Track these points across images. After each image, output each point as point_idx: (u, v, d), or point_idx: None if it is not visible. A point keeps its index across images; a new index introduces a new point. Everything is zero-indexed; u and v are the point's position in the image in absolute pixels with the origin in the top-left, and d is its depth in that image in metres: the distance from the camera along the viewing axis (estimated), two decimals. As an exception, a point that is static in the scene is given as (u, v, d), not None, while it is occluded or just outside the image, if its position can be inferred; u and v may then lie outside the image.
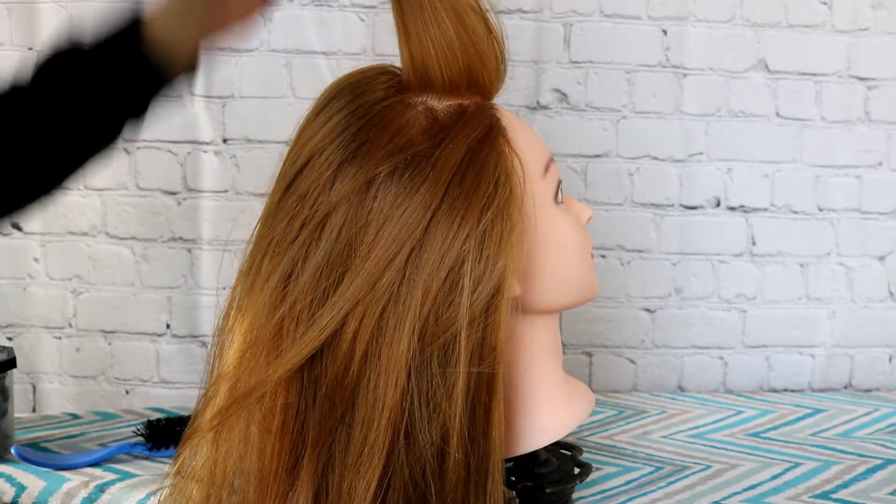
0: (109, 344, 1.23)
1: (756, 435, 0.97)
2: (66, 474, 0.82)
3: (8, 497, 0.79)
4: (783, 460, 0.89)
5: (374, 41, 1.19)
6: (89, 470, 0.83)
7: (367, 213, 0.53)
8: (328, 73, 1.18)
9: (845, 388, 1.27)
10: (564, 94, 1.21)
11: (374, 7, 1.18)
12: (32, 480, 0.81)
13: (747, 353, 1.26)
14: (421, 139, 0.55)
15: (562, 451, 0.79)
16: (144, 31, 0.55)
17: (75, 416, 1.01)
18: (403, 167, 0.54)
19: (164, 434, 0.87)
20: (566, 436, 0.67)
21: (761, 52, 1.21)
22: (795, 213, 1.24)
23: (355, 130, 0.56)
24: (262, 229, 0.58)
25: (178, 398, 1.22)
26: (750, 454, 0.90)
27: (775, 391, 1.26)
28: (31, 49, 1.18)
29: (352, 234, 0.53)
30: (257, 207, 0.59)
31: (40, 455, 0.86)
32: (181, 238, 1.21)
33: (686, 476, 0.84)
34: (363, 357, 0.53)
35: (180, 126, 1.19)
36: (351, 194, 0.53)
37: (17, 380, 1.14)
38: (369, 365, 0.53)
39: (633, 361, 1.26)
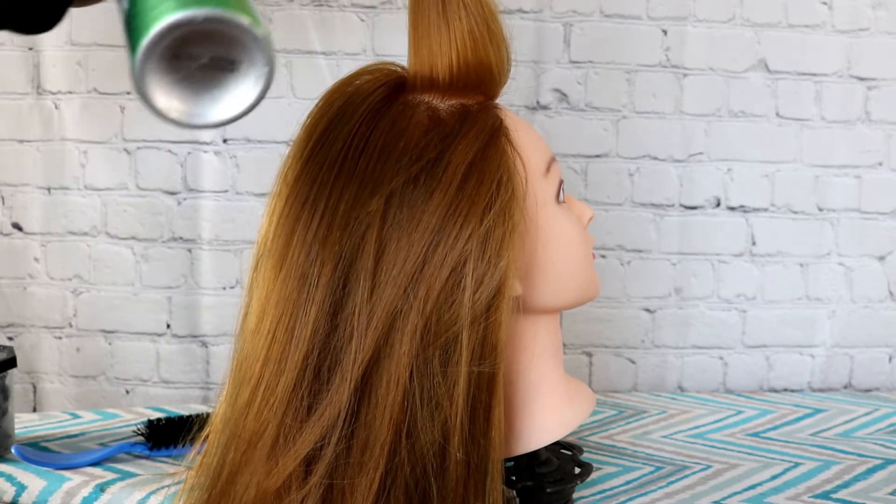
0: (109, 344, 1.23)
1: (756, 435, 0.97)
2: (66, 474, 0.82)
3: (8, 496, 0.79)
4: (783, 460, 0.89)
5: (374, 41, 1.19)
6: (89, 469, 0.83)
7: (388, 227, 0.54)
8: (328, 73, 1.18)
9: (845, 388, 1.27)
10: (564, 94, 1.21)
11: (374, 7, 1.18)
12: (33, 480, 0.81)
13: (747, 353, 1.26)
14: (430, 144, 0.55)
15: (562, 450, 0.79)
16: None
17: (75, 416, 1.01)
18: (417, 175, 0.54)
19: (164, 434, 0.87)
20: (567, 435, 0.67)
21: (761, 52, 1.21)
22: (795, 213, 1.24)
23: (363, 145, 0.56)
24: (280, 237, 0.57)
25: (178, 398, 1.22)
26: (750, 454, 0.90)
27: (775, 391, 1.26)
28: (31, 49, 1.19)
29: (381, 248, 0.54)
30: (257, 207, 0.59)
31: (40, 454, 0.86)
32: (181, 238, 1.21)
33: (686, 476, 0.84)
34: (369, 358, 0.53)
35: (180, 126, 1.19)
36: (376, 213, 0.53)
37: (17, 380, 1.14)
38: (373, 365, 0.53)
39: (633, 361, 1.26)
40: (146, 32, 0.40)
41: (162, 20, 0.39)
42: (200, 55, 0.41)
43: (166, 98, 0.42)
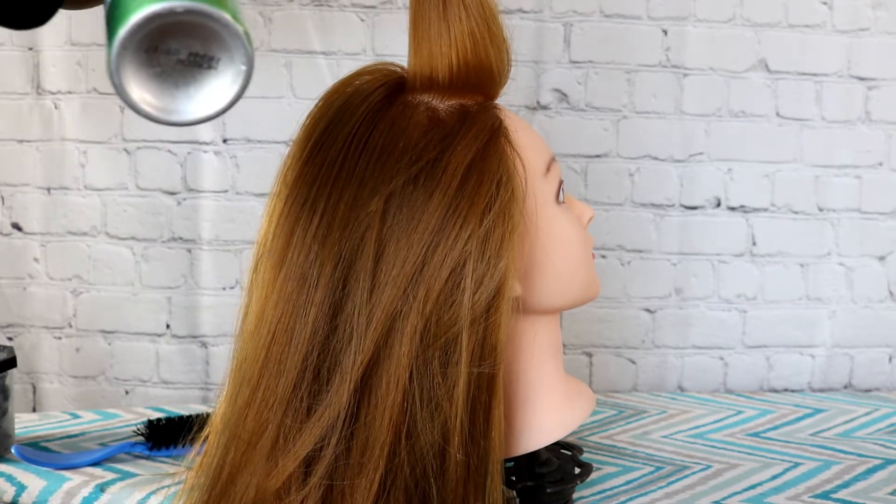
0: (109, 344, 1.23)
1: (756, 435, 0.97)
2: (66, 474, 0.82)
3: (8, 496, 0.79)
4: (783, 460, 0.89)
5: (374, 41, 1.19)
6: (89, 469, 0.83)
7: (388, 227, 0.54)
8: (328, 73, 1.18)
9: (845, 388, 1.27)
10: (564, 94, 1.21)
11: (374, 7, 1.18)
12: (33, 480, 0.81)
13: (747, 353, 1.26)
14: (429, 144, 0.55)
15: (562, 450, 0.79)
16: None
17: (75, 416, 1.01)
18: (417, 175, 0.54)
19: (164, 434, 0.87)
20: (567, 436, 0.67)
21: (761, 52, 1.21)
22: (795, 213, 1.24)
23: (363, 145, 0.56)
24: (279, 236, 0.57)
25: (178, 398, 1.22)
26: (750, 454, 0.90)
27: (775, 391, 1.26)
28: (31, 49, 1.18)
29: (380, 249, 0.54)
30: (257, 207, 0.59)
31: (40, 455, 0.86)
32: (181, 238, 1.21)
33: (686, 476, 0.84)
34: (368, 359, 0.53)
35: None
36: (375, 214, 0.53)
37: (17, 380, 1.14)
38: (372, 366, 0.53)
39: (633, 361, 1.26)
40: (125, 21, 0.39)
41: (142, 10, 0.39)
42: (179, 50, 0.41)
43: (140, 91, 0.41)
